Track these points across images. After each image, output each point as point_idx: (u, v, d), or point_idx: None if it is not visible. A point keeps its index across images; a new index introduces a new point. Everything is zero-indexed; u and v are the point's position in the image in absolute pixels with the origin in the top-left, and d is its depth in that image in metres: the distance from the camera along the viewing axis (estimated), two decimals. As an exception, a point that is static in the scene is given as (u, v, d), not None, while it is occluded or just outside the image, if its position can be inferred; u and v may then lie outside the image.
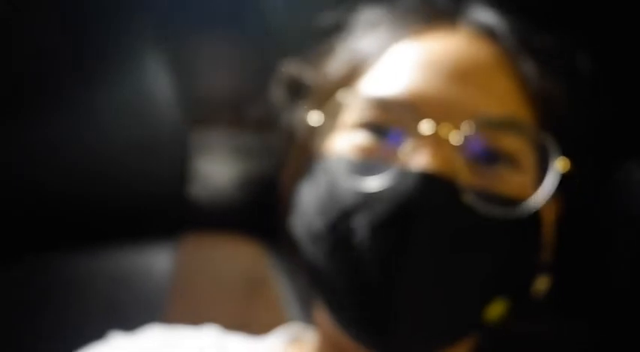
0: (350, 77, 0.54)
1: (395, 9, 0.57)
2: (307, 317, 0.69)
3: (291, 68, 0.61)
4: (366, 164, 0.49)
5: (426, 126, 0.47)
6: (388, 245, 0.46)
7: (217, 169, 0.79)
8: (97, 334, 0.59)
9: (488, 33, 0.53)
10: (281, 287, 0.74)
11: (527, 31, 0.54)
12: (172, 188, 0.77)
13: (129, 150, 0.74)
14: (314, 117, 0.53)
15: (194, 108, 0.76)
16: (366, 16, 0.58)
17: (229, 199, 0.79)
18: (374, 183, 0.48)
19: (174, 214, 0.78)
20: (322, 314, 0.53)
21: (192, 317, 0.70)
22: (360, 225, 0.47)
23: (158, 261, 0.75)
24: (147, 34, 0.72)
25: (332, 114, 0.53)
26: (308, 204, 0.52)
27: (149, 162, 0.76)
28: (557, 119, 0.51)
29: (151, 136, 0.75)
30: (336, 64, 0.56)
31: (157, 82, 0.74)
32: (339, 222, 0.49)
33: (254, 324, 0.65)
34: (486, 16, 0.54)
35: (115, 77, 0.73)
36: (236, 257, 0.77)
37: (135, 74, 0.73)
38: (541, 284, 0.52)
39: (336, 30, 0.58)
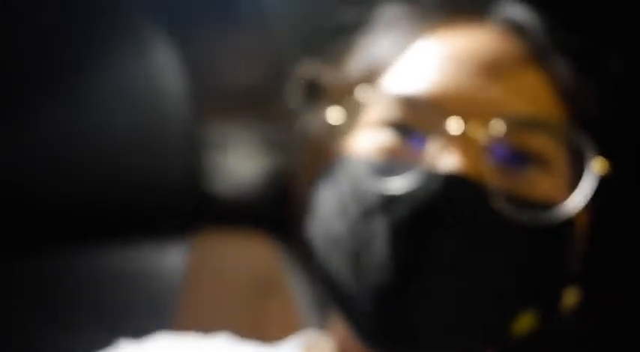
0: (371, 75, 0.53)
1: (418, 5, 0.55)
2: (321, 318, 0.68)
3: (307, 68, 0.60)
4: (390, 165, 0.48)
5: (453, 125, 0.46)
6: (411, 250, 0.45)
7: (237, 164, 0.78)
8: (108, 332, 0.59)
9: (517, 29, 0.52)
10: (295, 287, 0.74)
11: (558, 29, 0.52)
12: (185, 184, 0.77)
13: (138, 145, 0.73)
14: (333, 115, 0.52)
15: (212, 100, 0.75)
16: (388, 13, 0.56)
17: (247, 195, 0.78)
18: (398, 185, 0.46)
19: (187, 211, 0.77)
20: (337, 322, 0.52)
21: (204, 316, 0.70)
22: (382, 229, 0.46)
23: (170, 258, 0.75)
24: (159, 25, 0.72)
25: (352, 113, 0.52)
26: (327, 206, 0.51)
27: (159, 158, 0.75)
28: (589, 119, 0.50)
29: (160, 131, 0.74)
30: (356, 62, 0.55)
31: (167, 75, 0.73)
32: (360, 225, 0.47)
33: (267, 325, 0.66)
34: (516, 11, 0.53)
35: (122, 69, 0.72)
36: (249, 256, 0.76)
37: (144, 66, 0.72)
38: (571, 296, 0.50)
39: (355, 27, 0.57)
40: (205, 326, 0.61)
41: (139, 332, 0.59)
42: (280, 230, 0.75)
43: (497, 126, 0.46)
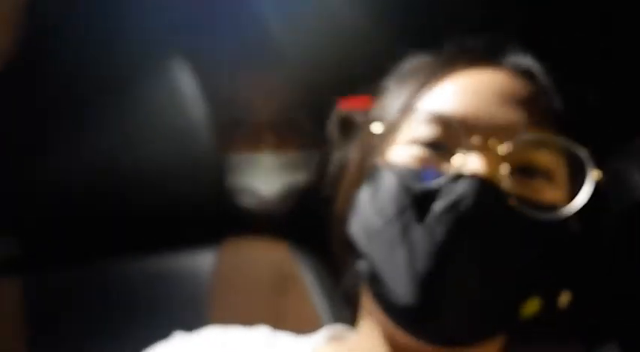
0: (399, 117, 0.58)
1: (438, 56, 0.61)
2: (335, 312, 0.74)
3: (343, 110, 0.65)
4: (423, 171, 0.53)
5: (476, 139, 0.52)
6: (442, 239, 0.50)
7: (261, 183, 0.85)
8: (148, 329, 0.62)
9: (523, 72, 0.58)
10: (310, 284, 0.79)
11: (555, 72, 0.59)
12: (214, 200, 0.84)
13: (175, 169, 0.81)
14: (377, 128, 0.57)
15: (238, 130, 0.82)
16: (411, 63, 0.63)
17: (266, 209, 0.85)
18: (429, 185, 0.51)
19: (215, 222, 0.84)
20: (371, 308, 0.56)
21: (232, 312, 0.76)
22: (415, 222, 0.51)
23: (201, 263, 0.81)
24: (191, 65, 0.79)
25: (390, 131, 0.57)
26: (366, 207, 0.55)
27: (192, 179, 0.83)
28: (582, 137, 0.55)
29: (194, 156, 0.82)
30: (389, 103, 0.60)
31: (198, 109, 0.81)
32: (395, 220, 0.52)
33: (286, 319, 0.69)
34: (524, 59, 0.59)
35: (162, 107, 0.80)
36: (269, 258, 0.82)
37: (179, 104, 0.80)
38: (564, 297, 0.55)
39: (388, 73, 0.63)
40: (233, 319, 0.65)
41: (175, 327, 0.63)
42: (295, 236, 0.82)
43: (511, 143, 0.52)
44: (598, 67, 0.66)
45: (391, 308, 0.53)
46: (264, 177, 0.86)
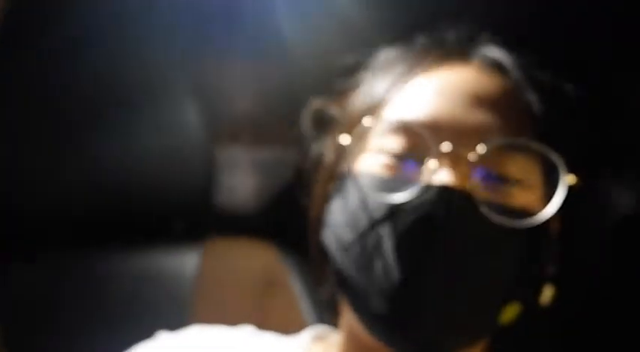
0: (372, 109, 0.56)
1: (411, 48, 0.60)
2: (322, 315, 0.73)
3: (317, 104, 0.64)
4: (392, 180, 0.52)
5: (445, 147, 0.50)
6: (414, 251, 0.49)
7: (240, 182, 0.84)
8: (129, 329, 0.62)
9: (497, 67, 0.56)
10: (296, 285, 0.79)
11: (529, 65, 0.57)
12: (199, 198, 0.83)
13: (161, 166, 0.79)
14: (344, 140, 0.56)
15: (220, 128, 0.81)
16: (385, 55, 0.61)
17: (250, 208, 0.84)
18: (400, 197, 0.50)
19: (200, 221, 0.83)
20: (349, 316, 0.55)
21: (216, 311, 0.75)
22: (387, 234, 0.50)
23: (185, 262, 0.81)
24: (179, 68, 0.77)
25: (359, 138, 0.55)
26: (338, 218, 0.54)
27: (178, 176, 0.81)
28: (558, 139, 0.53)
29: (180, 154, 0.80)
30: (360, 98, 0.59)
31: (186, 109, 0.79)
32: (367, 232, 0.51)
33: (271, 320, 0.68)
34: (495, 51, 0.57)
35: (152, 106, 0.78)
36: (254, 258, 0.82)
37: (167, 102, 0.79)
38: (547, 292, 0.54)
39: (358, 68, 0.61)
40: (217, 320, 0.65)
41: (159, 324, 0.63)
42: (281, 237, 0.82)
43: (481, 149, 0.50)
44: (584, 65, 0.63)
45: (366, 319, 0.52)
46: (242, 175, 0.85)
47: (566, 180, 0.51)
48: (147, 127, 0.79)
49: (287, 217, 0.65)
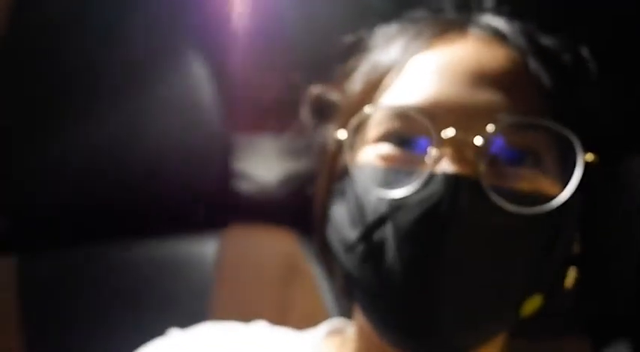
0: (371, 92, 0.53)
1: (408, 24, 0.56)
2: (342, 304, 0.71)
3: (317, 89, 0.61)
4: (392, 172, 0.48)
5: (448, 132, 0.46)
6: (421, 250, 0.45)
7: (262, 168, 0.83)
8: (150, 317, 0.62)
9: (498, 36, 0.52)
10: (316, 274, 0.77)
11: (534, 32, 0.53)
12: (218, 184, 0.81)
13: (178, 152, 0.78)
14: (341, 134, 0.53)
15: (241, 114, 0.79)
16: (382, 33, 0.58)
17: (272, 195, 0.82)
18: (401, 191, 0.46)
19: (220, 208, 0.81)
20: (359, 315, 0.53)
21: (237, 300, 0.74)
22: (392, 233, 0.46)
23: (205, 250, 0.79)
24: (196, 44, 0.76)
25: (357, 130, 0.52)
26: (340, 217, 0.51)
27: (197, 162, 0.79)
28: (572, 114, 0.50)
29: (197, 139, 0.78)
30: (358, 81, 0.55)
31: (204, 91, 0.78)
32: (370, 233, 0.48)
33: (292, 308, 0.67)
34: (495, 20, 0.53)
35: (168, 87, 0.77)
36: (275, 246, 0.80)
37: (185, 86, 0.78)
38: (570, 276, 0.51)
39: (356, 49, 0.58)
40: (237, 308, 0.65)
41: (180, 312, 0.63)
42: (300, 225, 0.79)
43: (489, 129, 0.46)
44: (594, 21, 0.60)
45: (376, 324, 0.49)
46: (264, 162, 0.83)
47: (583, 160, 0.47)
48: (164, 113, 0.78)
49: (307, 204, 0.61)
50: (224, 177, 0.82)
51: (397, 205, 0.46)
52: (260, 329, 0.60)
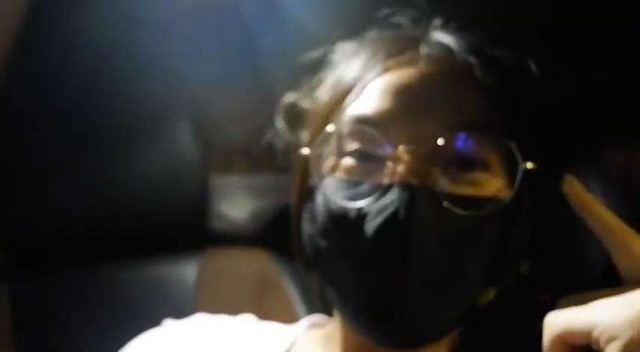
0: (336, 106, 0.56)
1: (366, 42, 0.60)
2: (313, 310, 0.71)
3: (290, 99, 0.64)
4: (355, 183, 0.51)
5: (403, 146, 0.50)
6: (383, 257, 0.49)
7: (234, 206, 0.90)
8: (137, 332, 0.63)
9: (448, 51, 0.55)
10: (289, 287, 0.82)
11: (480, 44, 0.56)
12: (197, 217, 0.90)
13: (164, 189, 0.87)
14: (305, 151, 0.56)
15: (215, 157, 0.87)
16: (343, 50, 0.61)
17: (243, 225, 0.90)
18: (363, 201, 0.50)
19: (198, 235, 0.89)
20: (338, 314, 0.56)
21: (216, 313, 0.74)
22: (356, 241, 0.49)
23: (186, 271, 0.85)
24: (176, 102, 0.84)
25: (323, 144, 0.55)
26: (311, 226, 0.54)
27: (178, 198, 0.88)
28: (517, 122, 0.53)
29: (178, 179, 0.87)
30: (324, 94, 0.59)
31: (184, 139, 0.87)
32: (337, 240, 0.51)
33: (268, 318, 0.68)
34: (445, 37, 0.56)
35: (152, 140, 0.85)
36: (249, 264, 0.86)
37: (167, 134, 0.86)
38: (523, 268, 0.54)
39: (321, 65, 0.62)
40: None
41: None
42: (272, 246, 0.86)
43: (440, 142, 0.49)
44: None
45: (349, 317, 0.53)
46: (236, 201, 0.90)
47: (523, 165, 0.50)
48: (150, 155, 0.86)
49: (278, 229, 0.67)
50: (200, 212, 0.91)
51: (359, 215, 0.50)
52: (248, 321, 0.63)
